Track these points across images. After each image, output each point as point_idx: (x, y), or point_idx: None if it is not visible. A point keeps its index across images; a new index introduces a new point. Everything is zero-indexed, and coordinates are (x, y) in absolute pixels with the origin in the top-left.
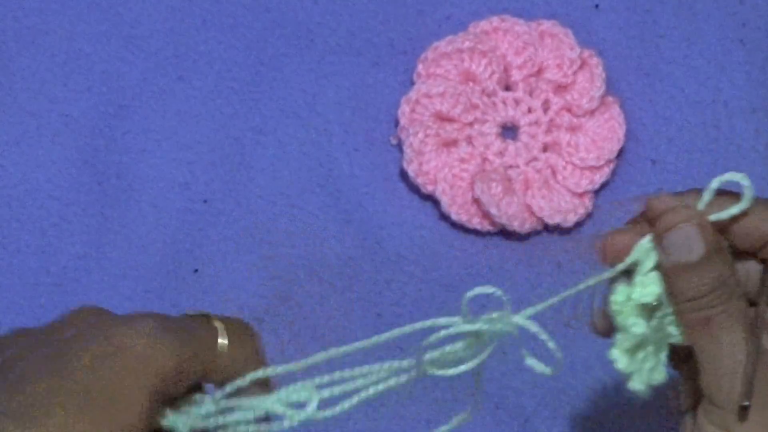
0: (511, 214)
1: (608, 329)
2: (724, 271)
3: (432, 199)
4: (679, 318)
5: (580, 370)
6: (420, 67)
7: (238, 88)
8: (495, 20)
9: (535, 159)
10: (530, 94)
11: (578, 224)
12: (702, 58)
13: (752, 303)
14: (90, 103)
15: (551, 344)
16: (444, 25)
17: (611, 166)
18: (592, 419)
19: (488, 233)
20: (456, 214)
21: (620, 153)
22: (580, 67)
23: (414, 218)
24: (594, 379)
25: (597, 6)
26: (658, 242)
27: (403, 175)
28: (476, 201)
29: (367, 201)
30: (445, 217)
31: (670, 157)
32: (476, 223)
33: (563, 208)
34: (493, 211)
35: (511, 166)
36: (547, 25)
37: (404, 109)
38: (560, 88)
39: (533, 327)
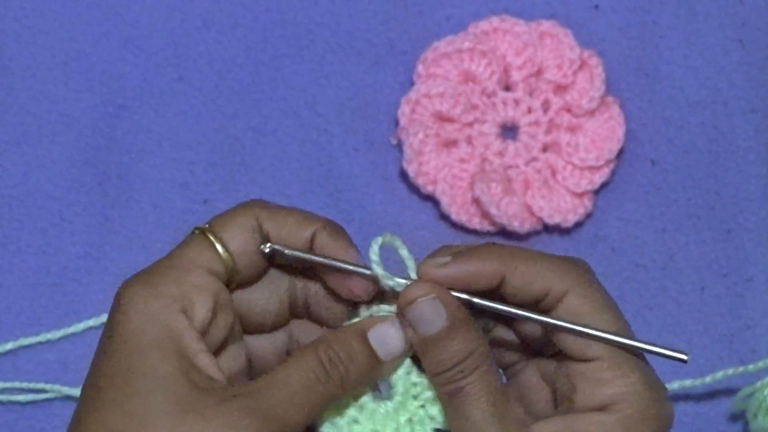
0: (511, 214)
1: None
2: (469, 343)
3: (432, 199)
4: (435, 388)
5: None
6: (420, 67)
7: (238, 88)
8: (495, 20)
9: (535, 159)
10: (530, 94)
11: (578, 224)
12: (702, 58)
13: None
14: (90, 103)
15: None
16: (444, 25)
17: (611, 166)
18: None
19: (488, 233)
20: (456, 214)
21: (620, 153)
22: (580, 67)
23: (414, 218)
24: None
25: (597, 6)
26: (402, 316)
27: (403, 175)
28: (476, 201)
29: (367, 201)
30: (445, 217)
31: (670, 157)
32: (476, 223)
33: (563, 208)
34: (493, 211)
35: (511, 166)
36: (547, 25)
37: (404, 109)
38: (560, 89)
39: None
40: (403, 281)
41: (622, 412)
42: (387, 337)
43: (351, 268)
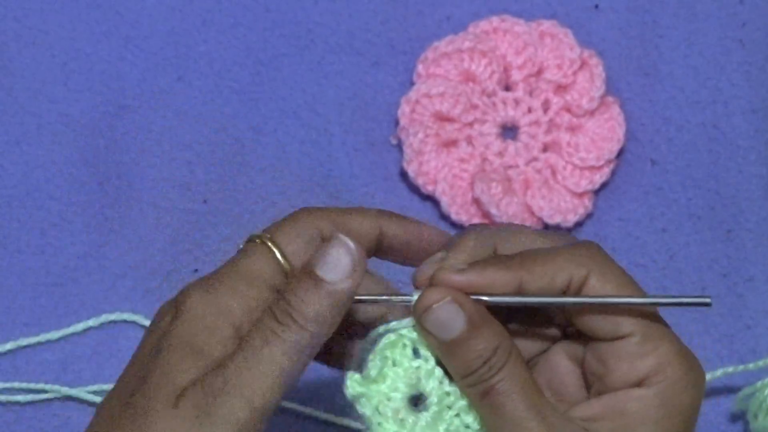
0: (511, 214)
1: None
2: (492, 339)
3: (432, 199)
4: (465, 394)
5: None
6: (420, 67)
7: (238, 88)
8: (495, 20)
9: (535, 159)
10: (530, 94)
11: (578, 224)
12: (702, 58)
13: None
14: (90, 103)
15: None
16: (444, 25)
17: (611, 166)
18: None
19: None
20: (456, 214)
21: (620, 153)
22: (580, 67)
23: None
24: None
25: (597, 6)
26: (420, 325)
27: (403, 175)
28: (476, 201)
29: (367, 201)
30: (445, 217)
31: (670, 157)
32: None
33: (563, 208)
34: (493, 211)
35: (511, 166)
36: (547, 25)
37: (404, 109)
38: (560, 88)
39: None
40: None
41: (659, 383)
42: (334, 261)
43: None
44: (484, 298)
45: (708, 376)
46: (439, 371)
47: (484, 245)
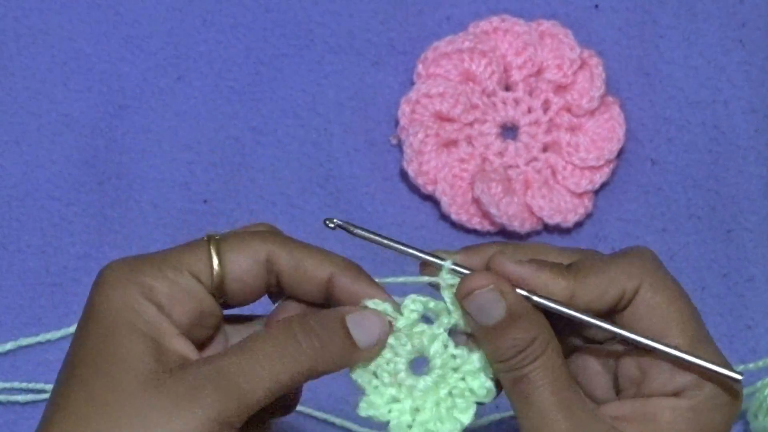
0: (511, 214)
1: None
2: (530, 331)
3: (432, 199)
4: (498, 377)
5: None
6: (420, 67)
7: (238, 88)
8: (495, 20)
9: (535, 159)
10: (530, 94)
11: (578, 224)
12: (702, 58)
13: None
14: (90, 103)
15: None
16: (444, 25)
17: (611, 166)
18: None
19: (488, 233)
20: (456, 214)
21: (620, 153)
22: (580, 67)
23: (414, 218)
24: None
25: (597, 6)
26: (461, 306)
27: (403, 175)
28: (476, 201)
29: (367, 201)
30: (445, 217)
31: (670, 157)
32: (476, 223)
33: (563, 208)
34: (493, 211)
35: (511, 166)
36: (547, 25)
37: (404, 109)
38: (560, 88)
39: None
40: (463, 271)
41: (694, 398)
42: (367, 323)
43: (421, 255)
44: (530, 295)
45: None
46: (444, 335)
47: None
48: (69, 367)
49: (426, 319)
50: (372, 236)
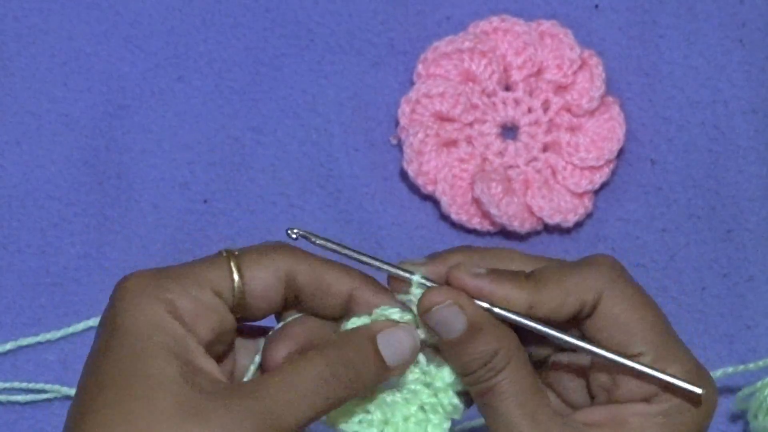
0: (511, 214)
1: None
2: (492, 343)
3: (432, 199)
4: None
5: None
6: (420, 67)
7: (238, 88)
8: (495, 20)
9: (535, 159)
10: (530, 94)
11: (578, 224)
12: (702, 58)
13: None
14: (90, 103)
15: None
16: (444, 25)
17: (611, 166)
18: None
19: (488, 233)
20: (456, 214)
21: (620, 153)
22: (580, 67)
23: (414, 218)
24: None
25: (597, 6)
26: (423, 322)
27: (403, 175)
28: (476, 201)
29: (367, 201)
30: (445, 217)
31: (670, 157)
32: (476, 223)
33: (563, 208)
34: (493, 211)
35: (511, 166)
36: (547, 25)
37: (404, 109)
38: (560, 88)
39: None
40: (430, 284)
41: (665, 402)
42: (396, 342)
43: (388, 268)
44: (490, 307)
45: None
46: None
47: (471, 262)
48: (97, 385)
49: None
50: (335, 247)
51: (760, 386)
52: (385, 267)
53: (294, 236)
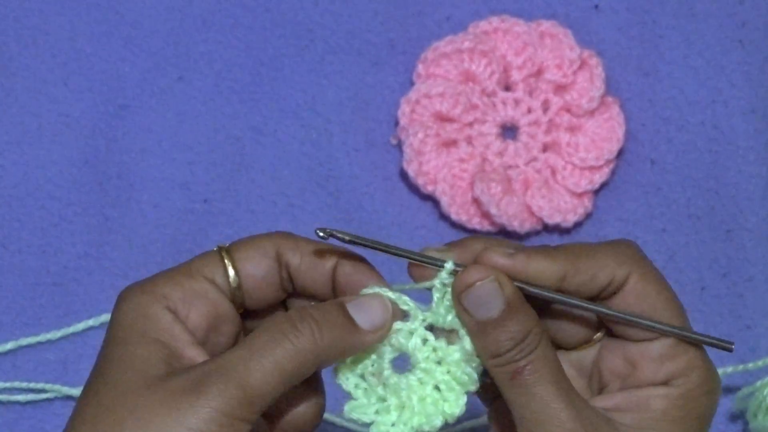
0: (511, 214)
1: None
2: (527, 323)
3: (432, 199)
4: (492, 373)
5: None
6: (420, 67)
7: (238, 88)
8: (495, 20)
9: (535, 159)
10: (530, 94)
11: (578, 224)
12: (702, 58)
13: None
14: (90, 103)
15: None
16: (444, 25)
17: (611, 166)
18: None
19: (488, 233)
20: (456, 214)
21: (620, 153)
22: (580, 67)
23: (414, 218)
24: None
25: (597, 6)
26: (457, 301)
27: (403, 175)
28: (476, 201)
29: (367, 201)
30: (445, 217)
31: (669, 157)
32: (476, 223)
33: (563, 208)
34: (493, 211)
35: (511, 166)
36: (547, 25)
37: (404, 109)
38: (560, 88)
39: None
40: (456, 267)
41: (684, 385)
42: (367, 306)
43: (419, 259)
44: (526, 286)
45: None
46: (422, 331)
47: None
48: (87, 380)
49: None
50: (364, 241)
51: (760, 386)
52: (416, 257)
53: (322, 235)
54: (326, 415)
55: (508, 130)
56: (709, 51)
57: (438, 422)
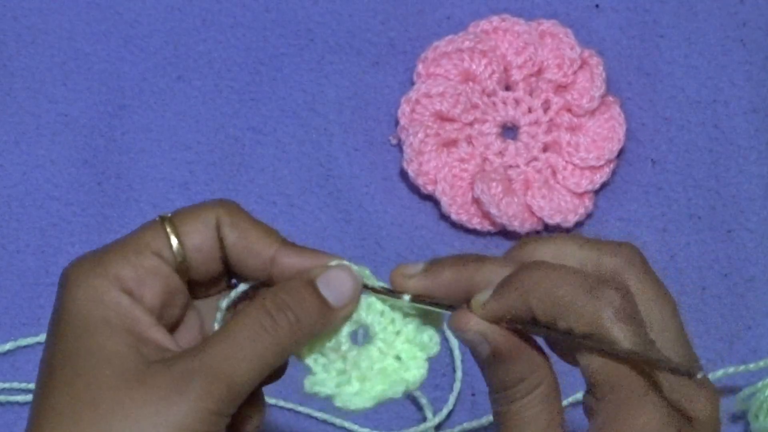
0: (511, 214)
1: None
2: (519, 371)
3: (432, 199)
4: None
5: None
6: (420, 67)
7: (238, 88)
8: (495, 20)
9: (535, 159)
10: (530, 94)
11: (578, 224)
12: (702, 58)
13: None
14: (90, 103)
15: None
16: (444, 25)
17: (611, 166)
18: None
19: (488, 233)
20: (456, 214)
21: (620, 153)
22: (580, 67)
23: (414, 218)
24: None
25: (597, 6)
26: (459, 338)
27: (403, 175)
28: (476, 201)
29: (367, 201)
30: (445, 217)
31: (670, 157)
32: (476, 223)
33: (563, 208)
34: (493, 211)
35: (511, 166)
36: (547, 24)
37: (404, 109)
38: (560, 88)
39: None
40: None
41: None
42: (337, 282)
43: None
44: (515, 326)
45: (708, 377)
46: (378, 304)
47: (459, 277)
48: (47, 371)
49: None
50: (389, 297)
51: (761, 386)
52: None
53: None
54: (326, 415)
55: (509, 130)
56: (710, 50)
57: (401, 389)
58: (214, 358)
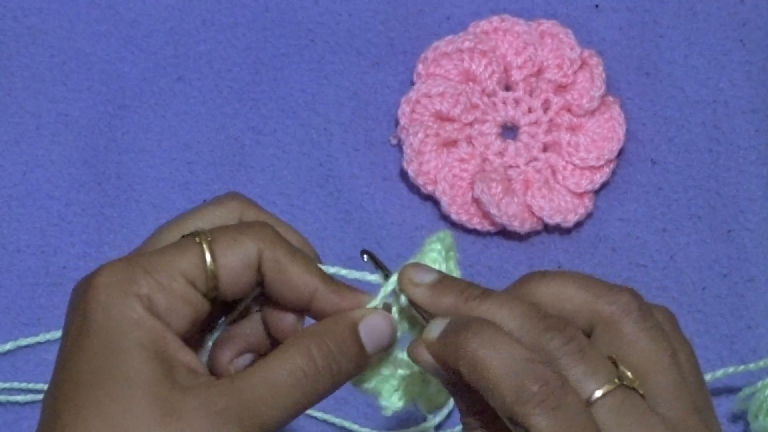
0: (511, 214)
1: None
2: (479, 396)
3: (432, 199)
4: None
5: None
6: (420, 67)
7: (238, 88)
8: (495, 20)
9: (535, 159)
10: (530, 94)
11: (578, 224)
12: (702, 58)
13: None
14: (90, 103)
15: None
16: (444, 25)
17: (611, 166)
18: None
19: (488, 233)
20: (456, 214)
21: (620, 153)
22: (580, 67)
23: (414, 218)
24: None
25: (597, 6)
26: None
27: (403, 175)
28: (476, 201)
29: (367, 201)
30: (445, 217)
31: (670, 157)
32: (476, 223)
33: (563, 208)
34: (493, 211)
35: (511, 166)
36: (547, 25)
37: (404, 109)
38: (560, 88)
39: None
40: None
41: None
42: (377, 330)
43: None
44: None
45: (708, 376)
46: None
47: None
48: (72, 382)
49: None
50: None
51: (761, 386)
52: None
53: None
54: (325, 416)
55: (509, 130)
56: (710, 50)
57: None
58: (253, 401)
